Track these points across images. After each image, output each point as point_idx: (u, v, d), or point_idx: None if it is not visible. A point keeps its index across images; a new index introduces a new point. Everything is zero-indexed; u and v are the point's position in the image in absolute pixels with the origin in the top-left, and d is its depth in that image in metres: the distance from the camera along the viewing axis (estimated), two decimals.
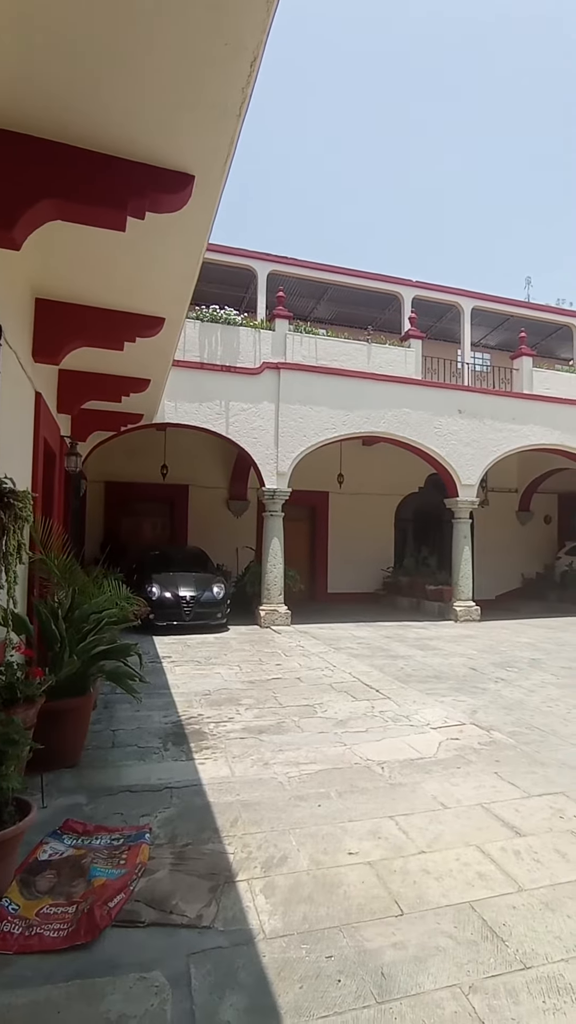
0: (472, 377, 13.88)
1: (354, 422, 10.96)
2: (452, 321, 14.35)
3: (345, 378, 11.02)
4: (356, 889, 2.60)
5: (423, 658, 7.82)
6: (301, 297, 13.78)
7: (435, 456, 11.60)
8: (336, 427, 10.85)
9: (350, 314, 14.77)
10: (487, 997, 2.01)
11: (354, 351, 11.49)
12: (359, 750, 4.30)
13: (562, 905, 2.51)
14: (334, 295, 13.68)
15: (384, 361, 11.61)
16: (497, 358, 15.92)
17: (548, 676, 6.86)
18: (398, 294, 12.95)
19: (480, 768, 4.00)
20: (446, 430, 11.57)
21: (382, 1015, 1.93)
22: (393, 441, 11.71)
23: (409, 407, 11.31)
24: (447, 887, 2.63)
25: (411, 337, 11.99)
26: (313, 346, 11.18)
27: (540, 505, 16.55)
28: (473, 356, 14.50)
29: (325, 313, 14.89)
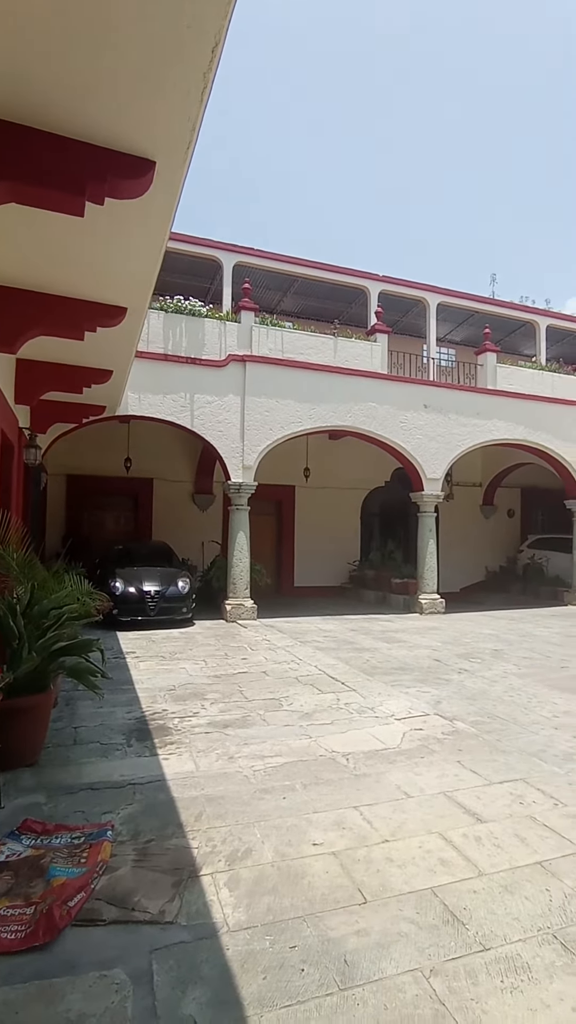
0: (437, 372, 14.06)
1: (320, 416, 10.98)
2: (418, 316, 14.50)
3: (312, 372, 11.01)
4: (320, 879, 2.61)
5: (388, 650, 7.91)
6: (267, 289, 13.73)
7: (401, 450, 11.72)
8: (302, 421, 10.85)
9: (317, 307, 14.78)
10: (447, 979, 2.05)
11: (320, 345, 11.50)
12: (324, 742, 4.33)
13: (520, 888, 2.58)
14: (301, 288, 13.67)
15: (350, 355, 11.65)
16: (462, 353, 16.15)
17: (510, 666, 7.02)
18: (365, 288, 13.00)
19: (443, 757, 4.07)
20: (412, 424, 11.69)
21: (344, 1001, 1.94)
22: (359, 435, 11.78)
23: (375, 401, 11.39)
24: (410, 874, 2.67)
25: (377, 331, 12.06)
26: (279, 339, 11.15)
27: (504, 499, 16.89)
28: (439, 351, 14.69)
29: (292, 306, 14.87)
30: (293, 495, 14.35)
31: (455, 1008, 1.93)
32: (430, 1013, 1.91)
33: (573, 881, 2.62)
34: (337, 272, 12.73)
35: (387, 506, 15.26)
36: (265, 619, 10.32)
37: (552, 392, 13.47)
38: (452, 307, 14.12)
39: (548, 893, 2.54)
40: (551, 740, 4.44)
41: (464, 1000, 1.96)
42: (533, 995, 1.99)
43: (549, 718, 5.00)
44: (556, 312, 16.32)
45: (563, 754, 4.16)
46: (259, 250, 11.98)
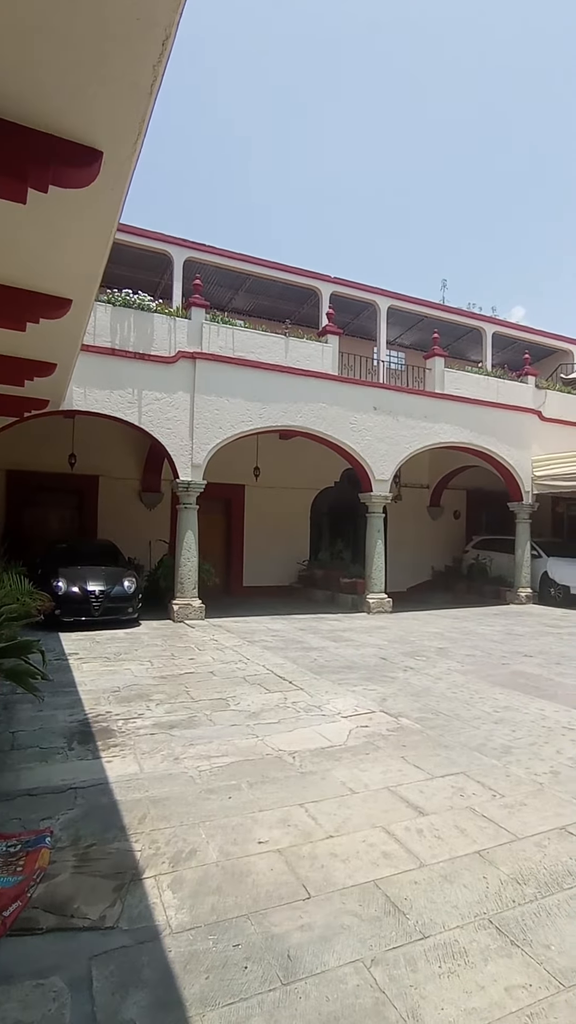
0: (387, 375, 14.30)
1: (271, 415, 11.00)
2: (369, 319, 14.71)
3: (263, 371, 11.01)
4: (265, 877, 2.62)
5: (336, 649, 8.00)
6: (219, 286, 13.64)
7: (350, 451, 11.86)
8: (253, 420, 10.84)
9: (269, 306, 14.80)
10: (387, 968, 2.09)
11: (272, 344, 11.50)
12: (271, 741, 4.33)
13: (459, 876, 2.66)
14: (253, 286, 13.65)
15: (302, 355, 11.71)
16: (411, 357, 16.51)
17: (454, 664, 7.21)
18: (317, 289, 13.09)
19: (388, 753, 4.14)
20: (361, 426, 11.85)
21: (287, 996, 1.96)
22: (310, 435, 11.85)
23: (326, 402, 11.49)
24: (353, 868, 2.71)
25: (328, 333, 12.16)
26: (230, 337, 11.09)
27: (450, 501, 17.34)
28: (388, 354, 14.93)
29: (243, 304, 14.83)
30: (243, 494, 14.31)
31: (394, 995, 1.97)
32: (370, 1002, 1.94)
33: (509, 868, 2.72)
34: (289, 272, 12.78)
35: (337, 506, 15.42)
36: (213, 619, 10.26)
37: (497, 397, 13.90)
38: (402, 311, 14.40)
39: (485, 881, 2.63)
40: (491, 734, 4.59)
41: (403, 987, 2.01)
42: (469, 978, 2.06)
43: (490, 713, 5.17)
44: (502, 320, 16.89)
45: (502, 747, 4.30)
46: (210, 246, 11.89)
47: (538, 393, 14.69)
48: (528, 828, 3.10)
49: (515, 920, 2.36)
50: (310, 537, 15.26)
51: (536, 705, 5.43)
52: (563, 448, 14.48)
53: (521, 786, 3.62)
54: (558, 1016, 1.91)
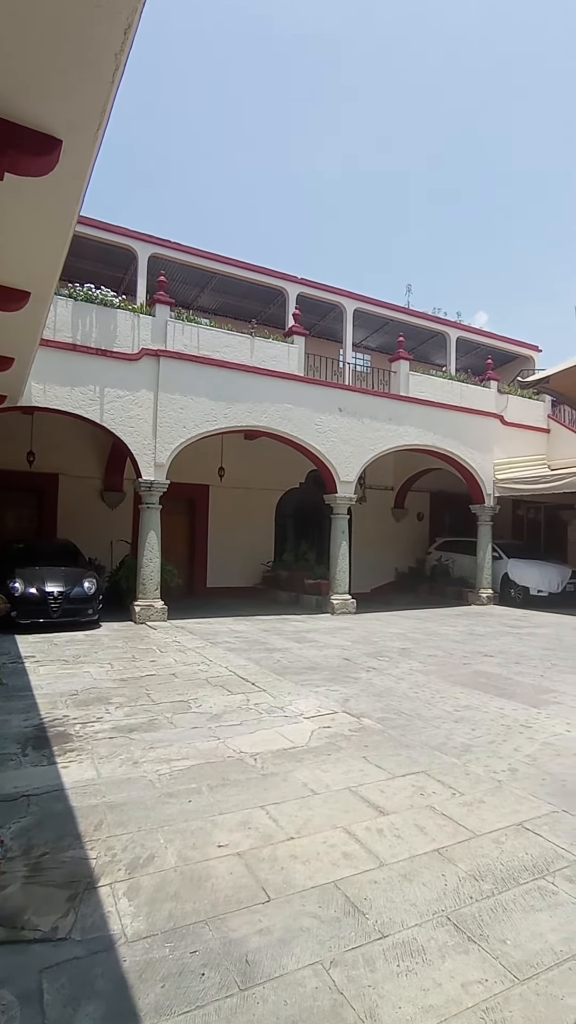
0: (353, 377, 14.40)
1: (236, 415, 10.95)
2: (335, 321, 14.79)
3: (228, 370, 10.95)
4: (224, 881, 2.58)
5: (299, 650, 8.00)
6: (184, 284, 13.51)
7: (316, 452, 11.90)
8: (217, 419, 10.77)
9: (235, 306, 14.73)
10: (346, 969, 2.08)
11: (237, 343, 11.44)
12: (233, 743, 4.29)
13: (418, 875, 2.67)
14: (219, 285, 13.57)
15: (267, 356, 11.69)
16: (377, 360, 16.65)
17: (416, 664, 7.29)
18: (283, 289, 13.09)
19: (350, 754, 4.15)
20: (327, 427, 11.90)
21: (244, 1001, 1.93)
22: (275, 436, 11.84)
23: (291, 403, 11.50)
24: (313, 869, 2.69)
25: (295, 333, 12.17)
26: (195, 335, 10.99)
27: (414, 503, 17.56)
28: (354, 356, 15.04)
29: (209, 302, 14.73)
30: (207, 494, 14.21)
31: (352, 996, 1.96)
32: (328, 1004, 1.93)
33: (467, 865, 2.75)
34: (256, 271, 12.74)
35: (301, 507, 15.46)
36: (176, 620, 10.14)
37: (461, 401, 14.14)
38: (368, 314, 14.52)
39: (444, 878, 2.64)
40: (451, 733, 4.65)
41: (361, 987, 2.00)
42: (426, 975, 2.07)
43: (451, 712, 5.23)
44: (466, 325, 17.22)
45: (462, 746, 4.36)
46: (176, 243, 11.76)
47: (500, 398, 15.00)
48: (486, 825, 3.14)
49: (472, 916, 2.39)
50: (275, 538, 15.26)
51: (496, 704, 5.52)
52: (524, 452, 14.86)
53: (480, 784, 3.67)
54: (512, 1010, 1.93)
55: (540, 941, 2.25)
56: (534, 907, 2.45)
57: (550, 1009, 1.93)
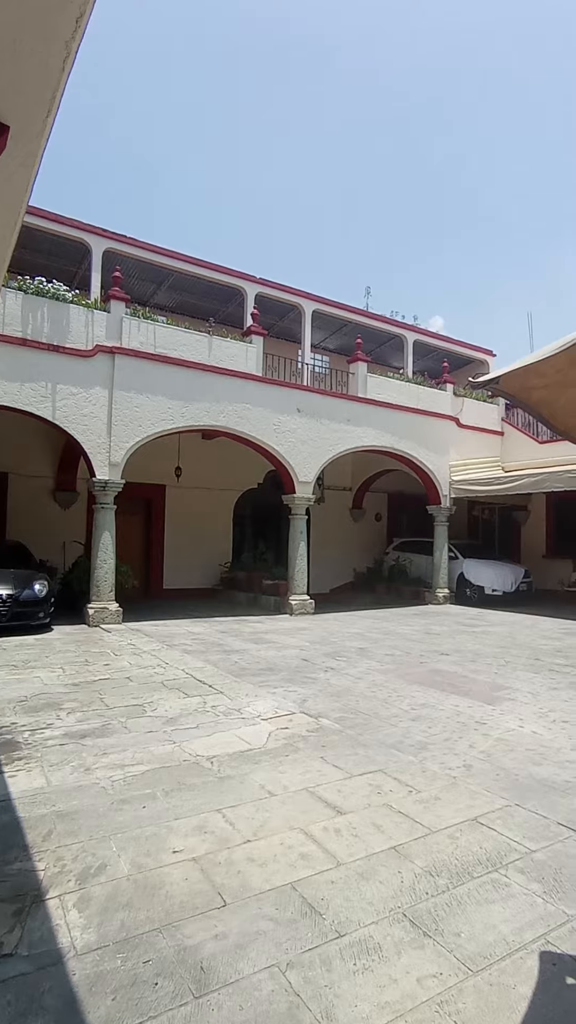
0: (311, 378, 14.44)
1: (193, 415, 10.83)
2: (294, 321, 14.81)
3: (185, 369, 10.83)
4: (179, 887, 2.53)
5: (257, 651, 7.96)
6: (141, 280, 13.30)
7: (274, 453, 11.88)
8: (174, 418, 10.63)
9: (192, 304, 14.58)
10: (303, 970, 2.07)
11: (195, 342, 11.32)
12: (189, 747, 4.23)
13: (375, 873, 2.67)
14: (176, 283, 13.40)
15: (225, 355, 11.60)
16: (335, 361, 16.76)
17: (374, 663, 7.34)
18: (242, 289, 13.03)
19: (307, 754, 4.14)
20: (285, 428, 11.90)
21: (199, 1009, 1.89)
22: (233, 436, 11.77)
23: (250, 403, 11.45)
24: (270, 872, 2.67)
25: (253, 333, 12.13)
26: (152, 333, 10.81)
27: (372, 503, 17.74)
28: (313, 357, 15.08)
29: (166, 300, 14.53)
30: (163, 494, 14.02)
31: (309, 997, 1.95)
32: (285, 1006, 1.91)
33: (423, 861, 2.77)
34: (214, 270, 12.64)
35: (260, 508, 15.42)
36: (131, 623, 9.95)
37: (418, 403, 14.36)
38: (327, 315, 14.59)
39: (400, 875, 2.66)
40: (408, 731, 4.69)
41: (318, 988, 1.99)
42: (383, 972, 2.07)
43: (407, 710, 5.29)
44: (422, 328, 17.46)
45: (418, 744, 4.40)
46: (132, 238, 11.55)
47: (456, 401, 15.32)
48: (442, 821, 3.17)
49: (428, 912, 2.40)
50: (233, 539, 15.16)
51: (451, 701, 5.61)
52: (479, 454, 15.22)
53: (436, 781, 3.72)
54: (466, 1001, 1.95)
55: (493, 932, 2.28)
56: (487, 900, 2.49)
57: (502, 999, 1.96)
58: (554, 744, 4.44)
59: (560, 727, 4.86)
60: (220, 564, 14.48)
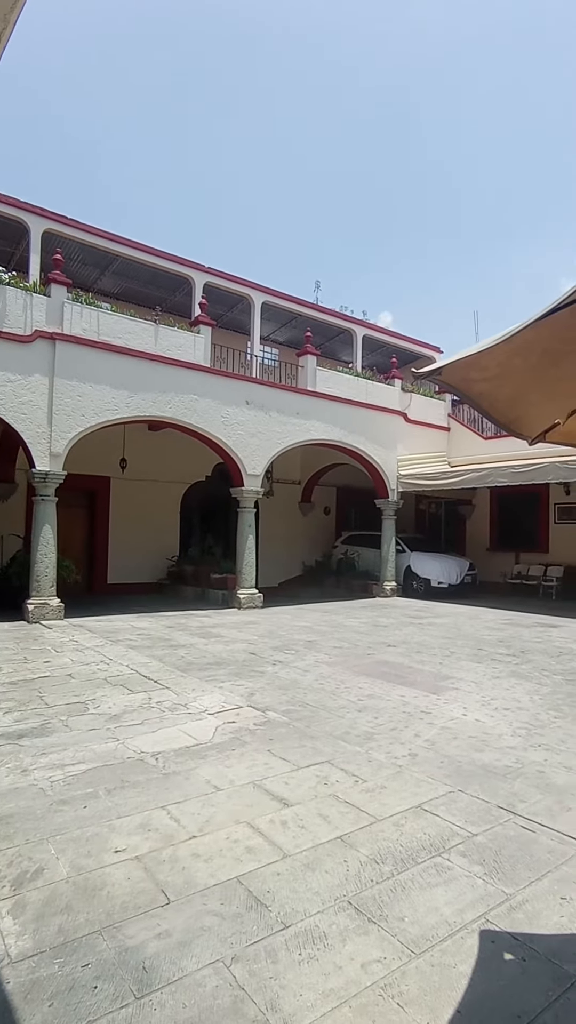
0: (260, 370, 14.37)
1: (139, 405, 10.57)
2: (243, 313, 14.68)
3: (131, 358, 10.55)
4: (121, 888, 2.46)
5: (205, 646, 7.87)
6: (83, 264, 12.88)
7: (222, 445, 11.76)
8: (119, 409, 10.35)
9: (138, 291, 14.24)
10: (248, 963, 2.05)
11: (141, 330, 11.04)
12: (133, 743, 4.13)
13: (321, 863, 2.68)
14: (121, 268, 13.04)
15: (172, 345, 11.38)
16: (284, 354, 16.73)
17: (322, 656, 7.38)
18: (190, 278, 12.81)
19: (254, 748, 4.11)
20: (233, 420, 11.79)
21: (140, 1010, 1.84)
22: (180, 427, 11.57)
23: (197, 394, 11.28)
24: (216, 867, 2.63)
25: (201, 323, 11.94)
26: (95, 319, 10.47)
27: (321, 497, 17.83)
28: (262, 349, 15.02)
29: (110, 286, 14.13)
30: (108, 487, 13.67)
31: (254, 990, 1.93)
32: (229, 1000, 1.89)
33: (368, 849, 2.80)
34: (161, 257, 12.36)
35: (208, 501, 15.25)
36: (74, 619, 9.67)
37: (366, 398, 14.50)
38: (277, 308, 14.53)
39: (346, 864, 2.67)
40: (355, 722, 4.74)
41: (263, 980, 1.98)
42: (328, 960, 2.07)
43: (355, 702, 5.34)
44: (372, 324, 17.65)
45: (365, 734, 4.45)
46: (72, 219, 11.13)
47: (404, 396, 15.57)
48: (387, 809, 3.21)
49: (373, 898, 2.43)
50: (180, 532, 14.95)
51: (398, 692, 5.70)
52: (426, 449, 15.53)
53: (382, 770, 3.76)
54: (409, 983, 1.98)
55: (436, 915, 2.33)
56: (431, 883, 2.54)
57: (444, 978, 2.00)
58: (496, 731, 4.58)
59: (502, 714, 5.02)
60: (167, 558, 14.25)
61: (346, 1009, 1.87)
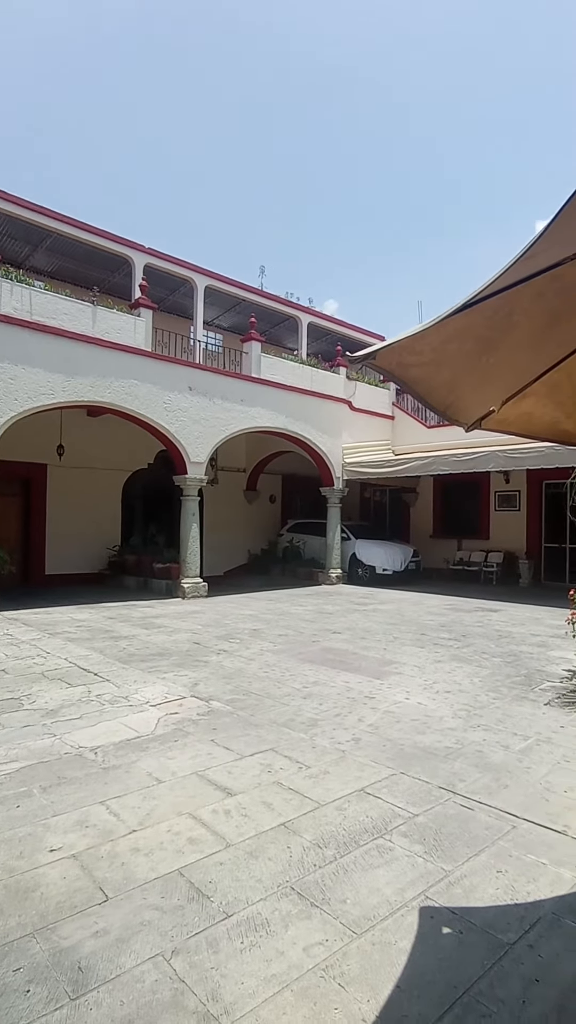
0: (204, 356, 14.11)
1: (76, 389, 10.17)
2: (185, 296, 14.36)
3: (67, 340, 10.12)
4: (56, 887, 2.38)
5: (147, 637, 7.73)
6: (13, 239, 12.23)
7: (164, 432, 11.50)
8: (55, 393, 9.93)
9: (74, 270, 13.67)
10: (189, 955, 2.03)
11: (78, 312, 10.60)
12: (71, 738, 4.00)
13: (264, 851, 2.67)
14: (55, 245, 12.45)
15: (111, 327, 10.99)
16: (229, 340, 16.45)
17: (267, 644, 7.37)
18: (129, 258, 12.39)
19: (198, 738, 4.07)
20: (176, 406, 11.55)
21: (75, 1011, 1.79)
22: (120, 413, 11.22)
23: (138, 379, 10.97)
24: (157, 860, 2.58)
25: (141, 306, 11.58)
26: (27, 298, 9.96)
27: (266, 485, 17.75)
28: (205, 334, 14.74)
29: (43, 263, 13.50)
30: (45, 474, 13.14)
31: (194, 981, 1.91)
32: (169, 994, 1.86)
33: (311, 835, 2.81)
34: (98, 235, 11.87)
35: (150, 489, 14.92)
36: (8, 612, 9.29)
37: (311, 385, 14.47)
38: (221, 292, 14.27)
39: (289, 850, 2.67)
40: (300, 709, 4.75)
41: (204, 971, 1.95)
42: (270, 947, 2.07)
43: (300, 689, 5.36)
44: (317, 311, 17.59)
45: (309, 720, 4.47)
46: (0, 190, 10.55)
47: (349, 384, 15.65)
48: (330, 794, 3.24)
49: (315, 883, 2.43)
50: (122, 521, 14.56)
51: (342, 678, 5.75)
52: (371, 437, 15.69)
53: (326, 755, 3.79)
54: (351, 963, 2.00)
55: (377, 895, 2.36)
56: (372, 865, 2.57)
57: (384, 955, 2.03)
58: (437, 713, 4.69)
59: (443, 697, 5.15)
60: (108, 548, 13.88)
61: (288, 993, 1.87)
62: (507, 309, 1.70)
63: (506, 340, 1.93)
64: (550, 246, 1.32)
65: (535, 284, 1.56)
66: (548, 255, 1.41)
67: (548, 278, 1.54)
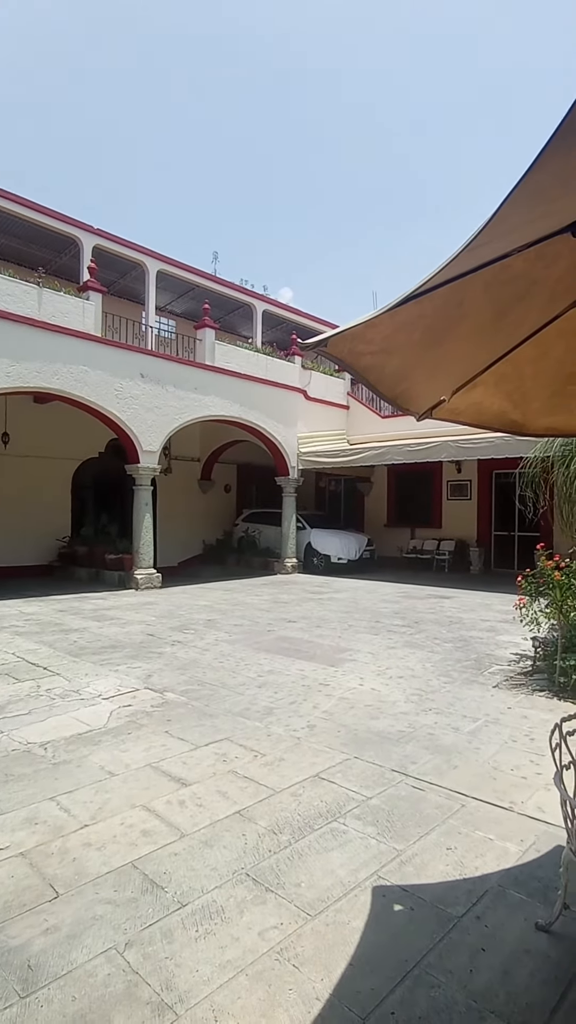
0: (156, 342, 13.84)
1: (21, 375, 9.80)
2: (137, 280, 14.02)
3: (10, 323, 9.70)
4: (3, 887, 2.32)
5: (99, 629, 7.58)
6: None
7: (116, 420, 11.23)
8: None
9: (18, 250, 13.11)
10: (142, 947, 2.02)
11: (22, 293, 10.19)
12: (19, 735, 3.90)
13: (220, 839, 2.67)
14: None
15: (58, 311, 10.62)
16: (182, 326, 16.19)
17: (222, 634, 7.33)
18: (77, 239, 11.99)
19: (151, 730, 4.03)
20: (127, 394, 11.28)
21: (25, 1009, 1.76)
22: (70, 400, 10.88)
23: (87, 365, 10.65)
24: (109, 854, 2.55)
25: (90, 289, 11.23)
26: None
27: (221, 474, 17.60)
28: (158, 320, 14.45)
29: None
30: None
31: (148, 972, 1.90)
32: (122, 986, 1.84)
33: (266, 821, 2.83)
34: (43, 213, 11.41)
35: (101, 478, 14.58)
36: None
37: (266, 374, 14.38)
38: (174, 277, 13.99)
39: (244, 838, 2.68)
40: (255, 698, 4.76)
41: (158, 962, 1.95)
42: (225, 933, 2.08)
43: (254, 678, 5.36)
44: (272, 299, 17.46)
45: (264, 709, 4.49)
46: None
47: (304, 373, 15.63)
48: (285, 781, 3.26)
49: (270, 868, 2.45)
50: (72, 511, 14.20)
51: (297, 667, 5.79)
52: (326, 427, 15.73)
53: (281, 743, 3.81)
54: (305, 944, 2.02)
55: (331, 877, 2.40)
56: (327, 848, 2.61)
57: (338, 935, 2.07)
58: (390, 698, 4.78)
59: (396, 683, 5.25)
60: (58, 539, 13.51)
61: (242, 978, 1.89)
62: (457, 299, 1.72)
63: (456, 330, 1.96)
64: (492, 239, 1.33)
65: (482, 275, 1.58)
66: (492, 248, 1.43)
67: (495, 269, 1.56)
